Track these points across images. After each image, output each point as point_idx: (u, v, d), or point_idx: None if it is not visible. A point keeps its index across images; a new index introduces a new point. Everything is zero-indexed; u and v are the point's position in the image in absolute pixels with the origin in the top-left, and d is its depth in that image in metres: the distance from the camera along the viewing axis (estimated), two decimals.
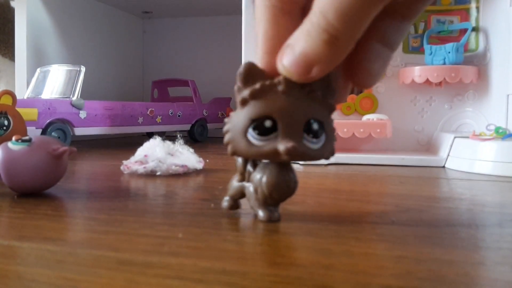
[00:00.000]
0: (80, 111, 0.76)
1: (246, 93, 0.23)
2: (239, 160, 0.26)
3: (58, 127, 0.73)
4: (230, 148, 0.24)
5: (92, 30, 1.06)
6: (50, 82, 0.78)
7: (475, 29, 0.63)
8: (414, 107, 0.65)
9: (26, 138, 0.34)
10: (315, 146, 0.23)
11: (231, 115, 0.24)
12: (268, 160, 0.25)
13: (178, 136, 0.54)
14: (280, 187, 0.25)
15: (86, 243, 0.23)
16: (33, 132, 0.68)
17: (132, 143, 0.87)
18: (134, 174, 0.47)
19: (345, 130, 0.58)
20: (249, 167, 0.26)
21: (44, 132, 0.70)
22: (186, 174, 0.47)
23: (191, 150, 0.51)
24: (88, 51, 1.04)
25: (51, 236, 0.24)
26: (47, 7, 0.91)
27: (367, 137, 0.58)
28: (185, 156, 0.48)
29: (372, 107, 0.65)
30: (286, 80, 0.22)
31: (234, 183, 0.28)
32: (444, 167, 0.54)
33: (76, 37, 1.00)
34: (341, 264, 0.19)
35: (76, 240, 0.24)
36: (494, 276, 0.19)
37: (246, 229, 0.26)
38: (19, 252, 0.21)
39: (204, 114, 1.01)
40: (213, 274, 0.18)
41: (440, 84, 0.61)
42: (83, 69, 0.77)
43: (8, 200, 0.33)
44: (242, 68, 0.23)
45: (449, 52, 0.60)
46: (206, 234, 0.24)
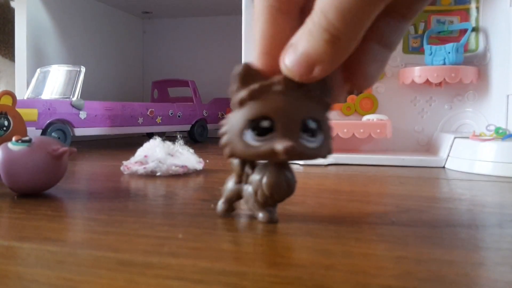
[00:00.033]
0: (80, 112, 0.76)
1: (244, 93, 0.23)
2: (235, 162, 0.26)
3: (58, 127, 0.73)
4: (227, 150, 0.23)
5: (92, 31, 1.06)
6: (50, 82, 0.78)
7: (475, 29, 0.63)
8: (414, 108, 0.65)
9: (26, 138, 0.34)
10: (312, 145, 0.23)
11: (228, 117, 0.24)
12: (266, 161, 0.25)
13: (178, 136, 0.54)
14: (281, 187, 0.25)
15: (86, 244, 0.23)
16: (33, 132, 0.68)
17: (132, 143, 0.87)
18: (134, 175, 0.47)
19: (345, 130, 0.58)
20: (247, 169, 0.26)
21: (44, 132, 0.70)
22: (186, 174, 0.47)
23: (191, 151, 0.51)
24: (88, 51, 1.04)
25: (51, 236, 0.24)
26: (47, 7, 0.91)
27: (367, 137, 0.58)
28: (185, 157, 0.49)
29: (372, 107, 0.65)
30: (283, 80, 0.22)
31: (230, 185, 0.27)
32: (444, 167, 0.54)
33: (76, 37, 1.00)
34: (341, 265, 0.19)
35: (76, 240, 0.24)
36: (494, 276, 0.19)
37: (246, 229, 0.26)
38: (19, 252, 0.21)
39: (204, 114, 1.01)
40: (213, 275, 0.18)
41: (440, 84, 0.61)
42: (83, 69, 0.77)
43: (8, 201, 0.33)
44: (239, 69, 0.23)
45: (449, 53, 0.60)
46: (206, 235, 0.24)
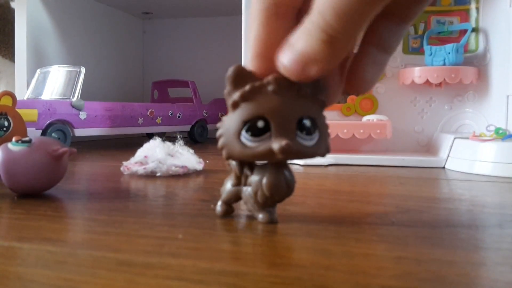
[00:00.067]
0: (80, 112, 0.76)
1: (236, 95, 0.23)
2: (233, 163, 0.26)
3: (58, 128, 0.73)
4: (224, 153, 0.23)
5: (92, 31, 1.06)
6: (50, 83, 0.78)
7: (475, 29, 0.63)
8: (414, 108, 0.65)
9: (26, 139, 0.34)
10: (309, 143, 0.23)
11: (223, 119, 0.24)
12: (264, 162, 0.25)
13: (178, 137, 0.54)
14: (281, 187, 0.25)
15: (86, 244, 0.23)
16: (33, 133, 0.68)
17: (132, 144, 0.87)
18: (134, 175, 0.47)
19: (345, 131, 0.58)
20: (246, 171, 0.26)
21: (44, 133, 0.70)
22: (186, 175, 0.47)
23: (191, 151, 0.51)
24: (88, 52, 1.04)
25: (51, 237, 0.24)
26: (47, 8, 0.91)
27: (367, 138, 0.58)
28: (185, 157, 0.49)
29: (372, 108, 0.65)
30: (276, 80, 0.22)
31: (229, 187, 0.27)
32: (444, 168, 0.54)
33: (76, 38, 1.00)
34: (341, 265, 0.19)
35: (76, 241, 0.24)
36: (494, 276, 0.19)
37: (246, 230, 0.26)
38: (19, 253, 0.21)
39: (204, 115, 1.01)
40: (212, 275, 0.18)
41: (440, 85, 0.61)
42: (83, 70, 0.77)
43: (8, 201, 0.33)
44: (231, 71, 0.23)
45: (449, 53, 0.60)
46: (206, 235, 0.24)
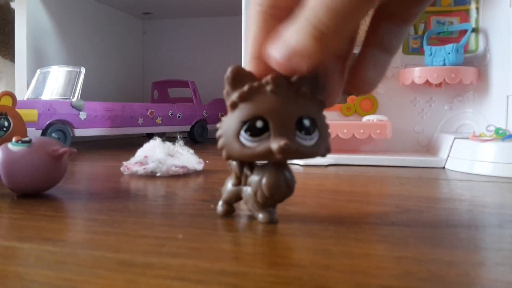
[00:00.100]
0: (80, 112, 0.76)
1: (235, 96, 0.23)
2: (234, 163, 0.26)
3: (58, 128, 0.73)
4: (224, 153, 0.23)
5: (92, 31, 1.06)
6: (50, 83, 0.78)
7: (475, 30, 0.63)
8: (414, 108, 0.65)
9: (26, 139, 0.34)
10: (308, 143, 0.23)
11: (223, 120, 0.24)
12: (264, 161, 0.25)
13: (178, 137, 0.54)
14: (281, 187, 0.25)
15: (86, 244, 0.23)
16: (33, 133, 0.68)
17: (132, 144, 0.88)
18: (134, 175, 0.47)
19: (345, 131, 0.58)
20: (246, 171, 0.26)
21: (44, 133, 0.70)
22: (186, 175, 0.47)
23: (191, 151, 0.51)
24: (88, 52, 1.04)
25: (51, 237, 0.24)
26: (47, 8, 0.91)
27: (367, 138, 0.58)
28: (185, 157, 0.49)
29: (372, 108, 0.65)
30: (274, 80, 0.22)
31: (229, 187, 0.27)
32: (444, 168, 0.54)
33: (76, 38, 1.00)
34: (341, 265, 0.19)
35: (76, 241, 0.24)
36: (494, 276, 0.19)
37: (246, 230, 0.26)
38: (19, 253, 0.21)
39: (204, 115, 1.01)
40: (213, 275, 0.18)
41: (440, 85, 0.61)
42: (83, 70, 0.77)
43: (8, 201, 0.33)
44: (229, 72, 0.23)
45: (449, 53, 0.60)
46: (206, 235, 0.24)
